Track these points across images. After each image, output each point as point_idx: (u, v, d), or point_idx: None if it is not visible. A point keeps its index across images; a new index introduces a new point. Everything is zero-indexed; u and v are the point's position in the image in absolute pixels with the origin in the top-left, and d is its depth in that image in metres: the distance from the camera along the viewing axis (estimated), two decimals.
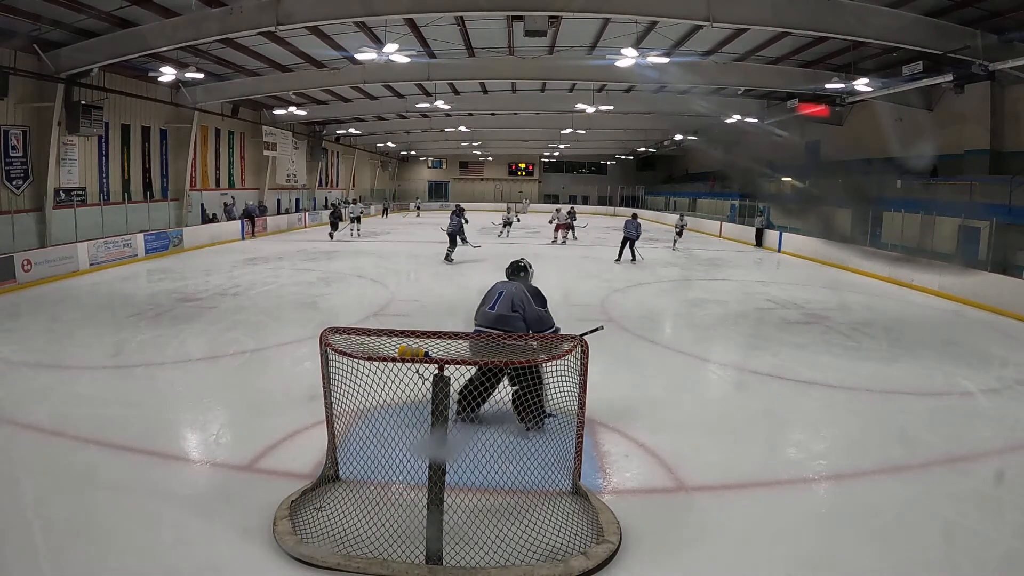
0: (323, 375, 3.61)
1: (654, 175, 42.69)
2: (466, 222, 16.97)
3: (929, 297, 11.54)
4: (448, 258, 15.11)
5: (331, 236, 21.02)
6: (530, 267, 5.21)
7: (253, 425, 4.87)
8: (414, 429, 3.53)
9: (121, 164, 16.69)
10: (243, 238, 20.48)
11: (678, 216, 21.48)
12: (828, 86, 14.98)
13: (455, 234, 15.16)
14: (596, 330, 4.86)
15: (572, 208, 24.66)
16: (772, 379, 6.32)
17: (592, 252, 18.31)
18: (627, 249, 15.71)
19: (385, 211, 36.24)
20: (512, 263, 5.22)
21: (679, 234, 20.34)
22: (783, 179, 22.37)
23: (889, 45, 11.70)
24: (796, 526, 3.59)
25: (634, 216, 16.61)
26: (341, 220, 22.20)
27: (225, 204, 21.49)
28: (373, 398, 3.34)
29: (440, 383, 3.13)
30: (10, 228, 12.53)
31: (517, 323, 4.64)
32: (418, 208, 39.63)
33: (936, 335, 8.65)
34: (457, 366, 3.25)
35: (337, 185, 34.69)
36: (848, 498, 3.94)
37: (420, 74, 16.33)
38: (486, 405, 4.49)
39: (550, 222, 22.78)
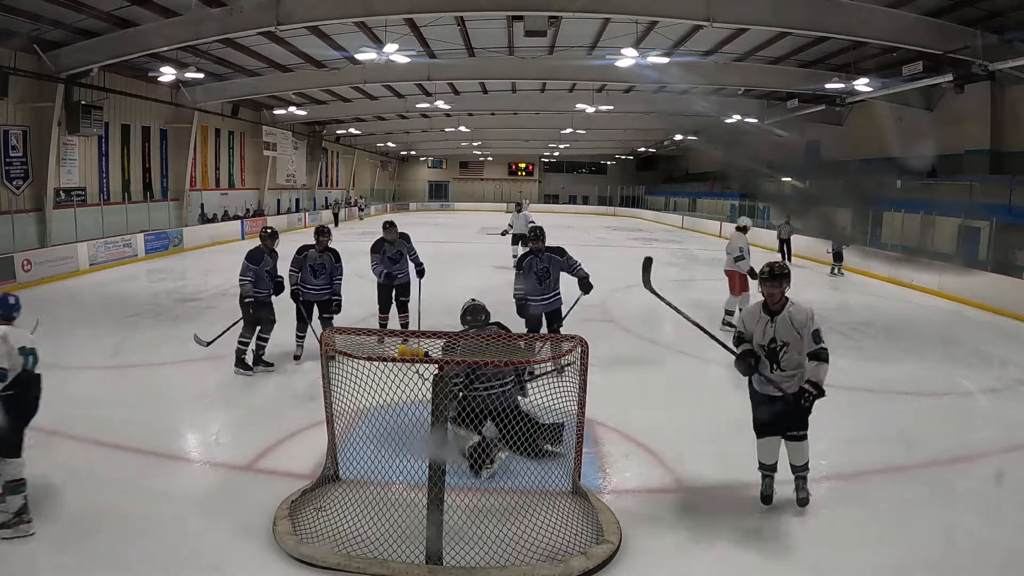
0: (323, 375, 3.61)
1: (654, 175, 42.62)
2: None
3: (929, 297, 11.52)
4: None
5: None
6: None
7: (253, 425, 4.88)
8: (414, 429, 3.52)
9: (121, 164, 16.67)
10: (243, 238, 20.48)
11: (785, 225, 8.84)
12: (828, 86, 14.96)
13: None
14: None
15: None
16: None
17: (591, 252, 18.25)
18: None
19: (336, 217, 27.82)
20: (471, 309, 4.72)
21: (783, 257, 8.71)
22: (783, 179, 22.34)
23: (889, 45, 11.68)
24: (796, 526, 3.59)
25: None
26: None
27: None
28: (373, 398, 3.34)
29: (440, 383, 3.13)
30: (10, 228, 12.51)
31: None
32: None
33: (936, 335, 8.64)
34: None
35: (337, 185, 34.67)
36: (848, 498, 3.94)
37: (420, 74, 16.31)
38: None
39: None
